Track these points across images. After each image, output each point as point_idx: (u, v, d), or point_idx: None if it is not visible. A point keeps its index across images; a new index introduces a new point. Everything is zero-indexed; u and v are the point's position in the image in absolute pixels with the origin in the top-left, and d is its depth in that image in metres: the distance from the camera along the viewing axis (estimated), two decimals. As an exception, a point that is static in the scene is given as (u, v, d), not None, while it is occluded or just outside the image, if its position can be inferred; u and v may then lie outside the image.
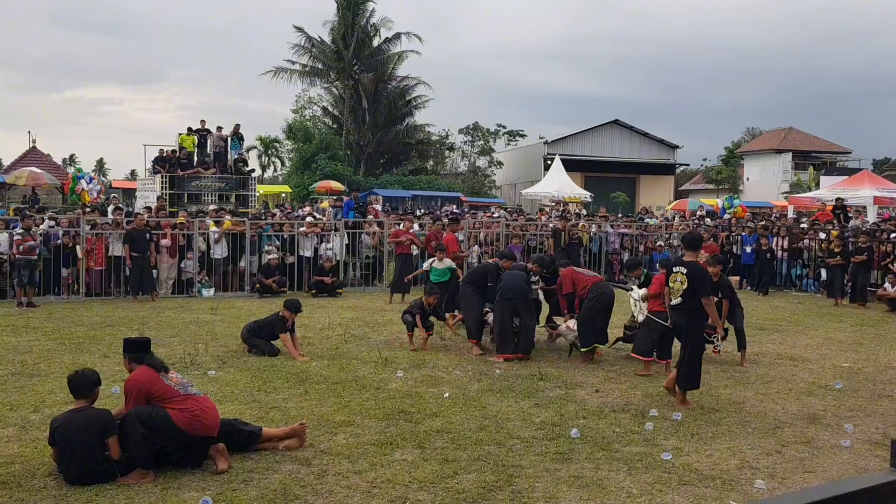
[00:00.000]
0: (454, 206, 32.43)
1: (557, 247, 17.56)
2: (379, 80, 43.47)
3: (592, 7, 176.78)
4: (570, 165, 36.84)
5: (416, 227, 16.60)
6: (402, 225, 16.22)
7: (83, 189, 20.73)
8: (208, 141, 23.30)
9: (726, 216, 23.75)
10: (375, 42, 44.70)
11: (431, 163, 49.91)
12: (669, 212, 34.15)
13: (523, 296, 9.23)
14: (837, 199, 22.33)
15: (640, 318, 8.95)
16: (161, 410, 5.23)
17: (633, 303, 9.37)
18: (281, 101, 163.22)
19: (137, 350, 5.59)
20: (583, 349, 9.14)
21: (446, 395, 7.42)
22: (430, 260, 12.48)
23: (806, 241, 18.01)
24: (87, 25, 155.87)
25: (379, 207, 24.24)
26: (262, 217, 18.30)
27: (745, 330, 9.40)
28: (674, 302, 7.12)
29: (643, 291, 9.11)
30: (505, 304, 9.17)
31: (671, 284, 7.16)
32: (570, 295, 9.46)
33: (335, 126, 46.63)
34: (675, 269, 7.14)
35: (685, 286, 6.97)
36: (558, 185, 31.66)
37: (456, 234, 14.77)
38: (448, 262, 12.17)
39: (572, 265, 10.39)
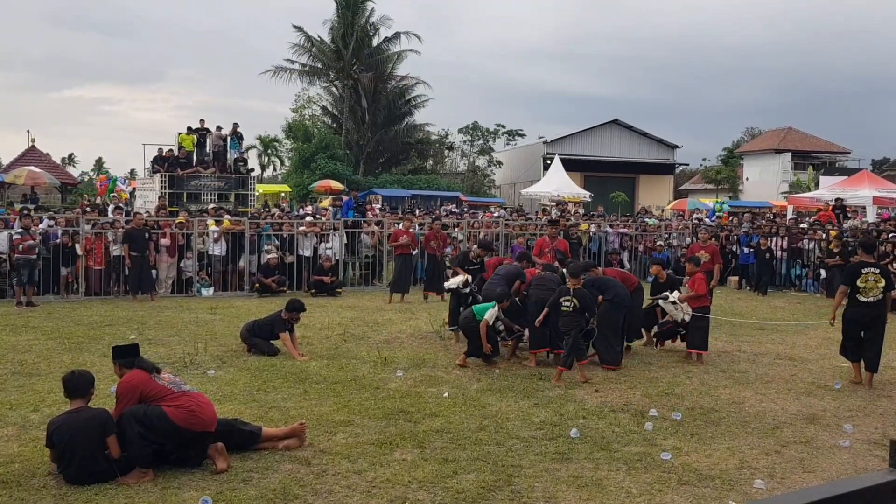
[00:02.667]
0: (454, 206, 32.37)
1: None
2: (378, 80, 43.37)
3: (592, 7, 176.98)
4: (570, 165, 36.78)
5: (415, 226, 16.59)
6: (401, 224, 16.21)
7: (121, 189, 21.82)
8: (207, 140, 23.29)
9: (730, 216, 23.91)
10: (375, 41, 44.56)
11: (431, 162, 49.81)
12: (669, 211, 34.16)
13: (631, 303, 9.38)
14: (837, 200, 22.35)
15: (687, 318, 9.44)
16: (157, 408, 5.23)
17: (672, 307, 9.60)
18: (280, 101, 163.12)
19: (126, 355, 5.60)
20: (629, 344, 9.66)
21: (446, 394, 7.43)
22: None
23: (805, 242, 18.02)
24: (87, 25, 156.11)
25: (378, 207, 24.25)
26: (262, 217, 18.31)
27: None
28: (870, 298, 8.10)
29: (676, 294, 9.66)
30: (620, 312, 9.05)
31: (863, 284, 8.12)
32: None
33: (334, 125, 46.53)
34: (864, 271, 8.17)
35: (882, 284, 8.06)
36: (558, 184, 31.66)
37: (558, 237, 13.30)
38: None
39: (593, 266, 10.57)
